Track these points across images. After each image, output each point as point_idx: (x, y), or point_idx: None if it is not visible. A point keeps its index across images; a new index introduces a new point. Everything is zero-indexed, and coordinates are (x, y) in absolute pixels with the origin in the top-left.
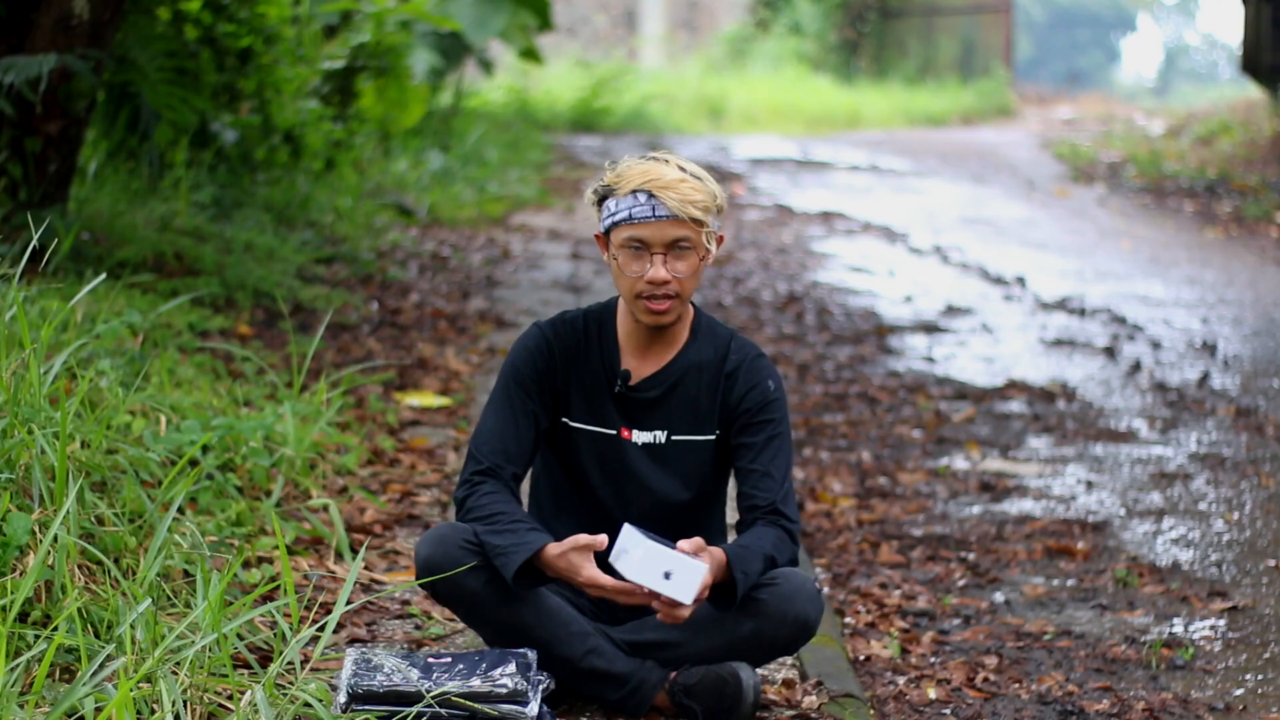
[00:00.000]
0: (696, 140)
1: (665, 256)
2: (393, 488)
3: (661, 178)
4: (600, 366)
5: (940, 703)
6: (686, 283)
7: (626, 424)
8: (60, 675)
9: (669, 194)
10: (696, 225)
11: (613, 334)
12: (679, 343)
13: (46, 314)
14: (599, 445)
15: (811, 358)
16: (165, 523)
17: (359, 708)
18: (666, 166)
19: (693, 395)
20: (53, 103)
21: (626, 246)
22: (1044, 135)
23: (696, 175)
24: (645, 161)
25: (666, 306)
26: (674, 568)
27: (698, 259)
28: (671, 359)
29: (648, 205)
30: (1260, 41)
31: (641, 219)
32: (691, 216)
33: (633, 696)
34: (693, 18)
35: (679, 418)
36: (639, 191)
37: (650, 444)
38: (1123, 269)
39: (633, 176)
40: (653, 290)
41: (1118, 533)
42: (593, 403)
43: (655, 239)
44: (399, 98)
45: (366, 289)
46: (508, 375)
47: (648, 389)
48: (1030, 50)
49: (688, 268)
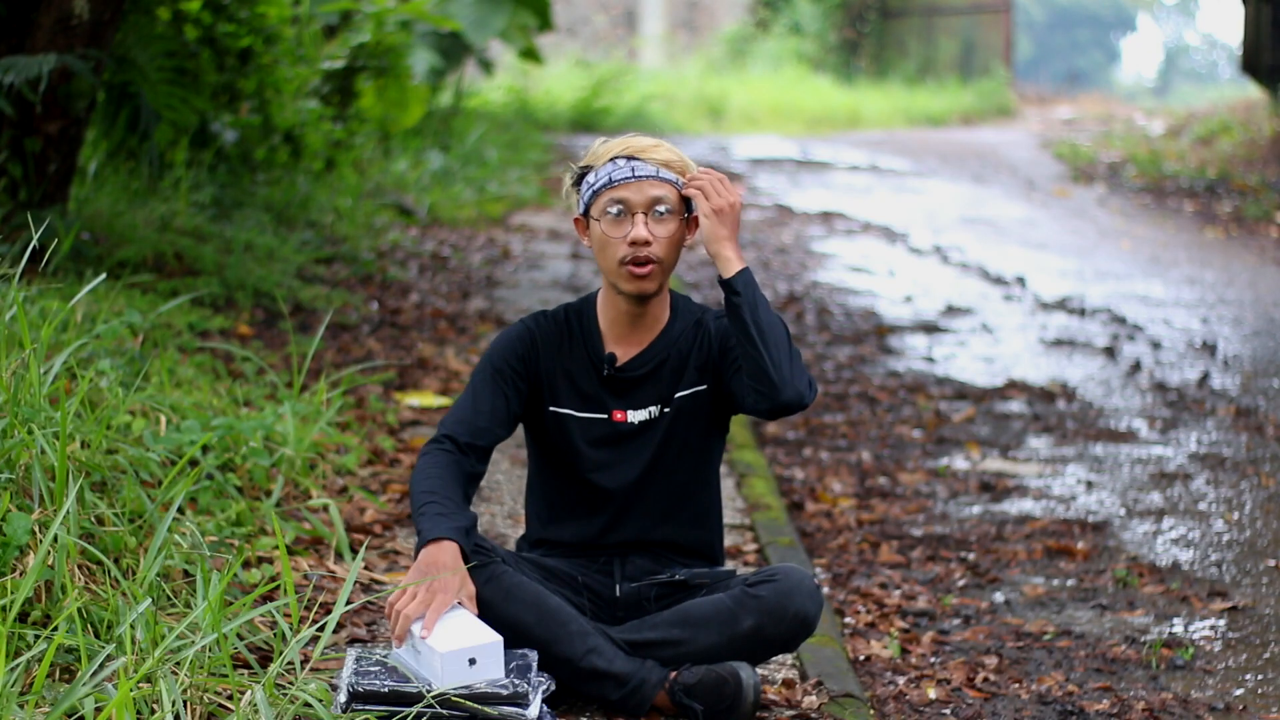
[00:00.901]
0: (696, 140)
1: (646, 217)
2: (393, 488)
3: (637, 143)
4: (585, 354)
5: (940, 703)
6: (667, 250)
7: (619, 406)
8: (60, 675)
9: (647, 154)
10: (675, 190)
11: (594, 323)
12: (660, 324)
13: (46, 314)
14: (591, 430)
15: (811, 358)
16: (165, 523)
17: (359, 707)
18: (641, 137)
19: (678, 365)
20: (53, 103)
21: (608, 211)
22: (1044, 135)
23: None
24: (620, 138)
25: (649, 270)
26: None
27: (677, 225)
28: (655, 338)
29: (627, 167)
30: (1260, 41)
31: (621, 180)
32: (670, 177)
33: (633, 696)
34: (693, 18)
35: (668, 387)
36: (617, 158)
37: (646, 420)
38: (1123, 269)
39: (610, 148)
40: (635, 253)
41: (1118, 533)
42: (581, 389)
43: (636, 199)
44: (399, 98)
45: (366, 289)
46: (484, 360)
47: (636, 368)
48: (1030, 50)
49: (667, 232)
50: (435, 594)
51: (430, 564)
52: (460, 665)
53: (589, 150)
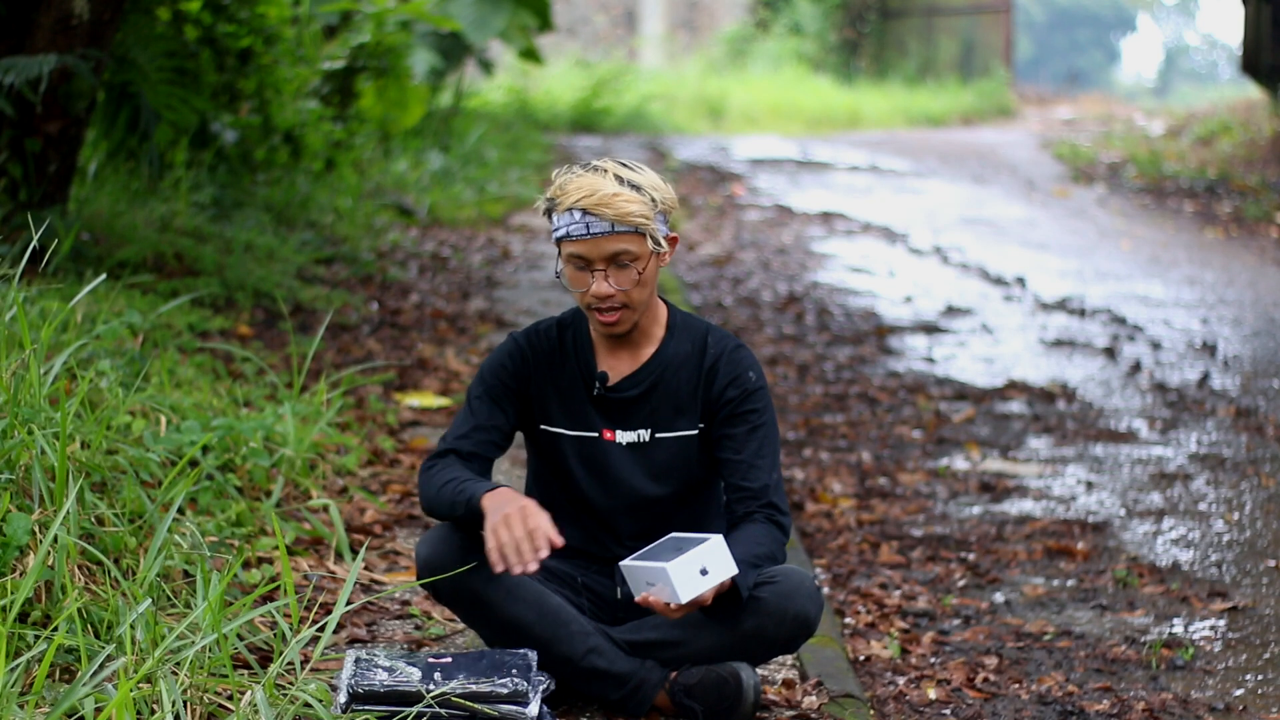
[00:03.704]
0: (696, 140)
1: (606, 271)
2: (393, 488)
3: (595, 193)
4: (577, 370)
5: (940, 703)
6: (634, 293)
7: (609, 425)
8: (60, 675)
9: (604, 209)
10: (638, 235)
11: (586, 337)
12: (655, 341)
13: (46, 314)
14: (582, 448)
15: (811, 358)
16: (165, 523)
17: (359, 708)
18: (604, 179)
19: (673, 391)
20: (53, 103)
21: (569, 262)
22: (1044, 135)
23: (635, 184)
24: (583, 175)
25: (615, 318)
26: (703, 560)
27: (644, 268)
28: (649, 357)
29: (582, 223)
30: (1260, 41)
31: (578, 236)
32: (629, 229)
33: (633, 696)
34: (693, 18)
35: (661, 414)
36: (574, 208)
37: (635, 443)
38: (1123, 269)
39: (570, 192)
40: (599, 304)
41: (1118, 533)
42: (571, 407)
43: (593, 254)
44: (399, 98)
45: (366, 289)
46: (477, 378)
47: (627, 388)
48: (1030, 50)
49: (631, 279)
50: (529, 515)
51: (503, 499)
52: (693, 574)
53: (555, 181)
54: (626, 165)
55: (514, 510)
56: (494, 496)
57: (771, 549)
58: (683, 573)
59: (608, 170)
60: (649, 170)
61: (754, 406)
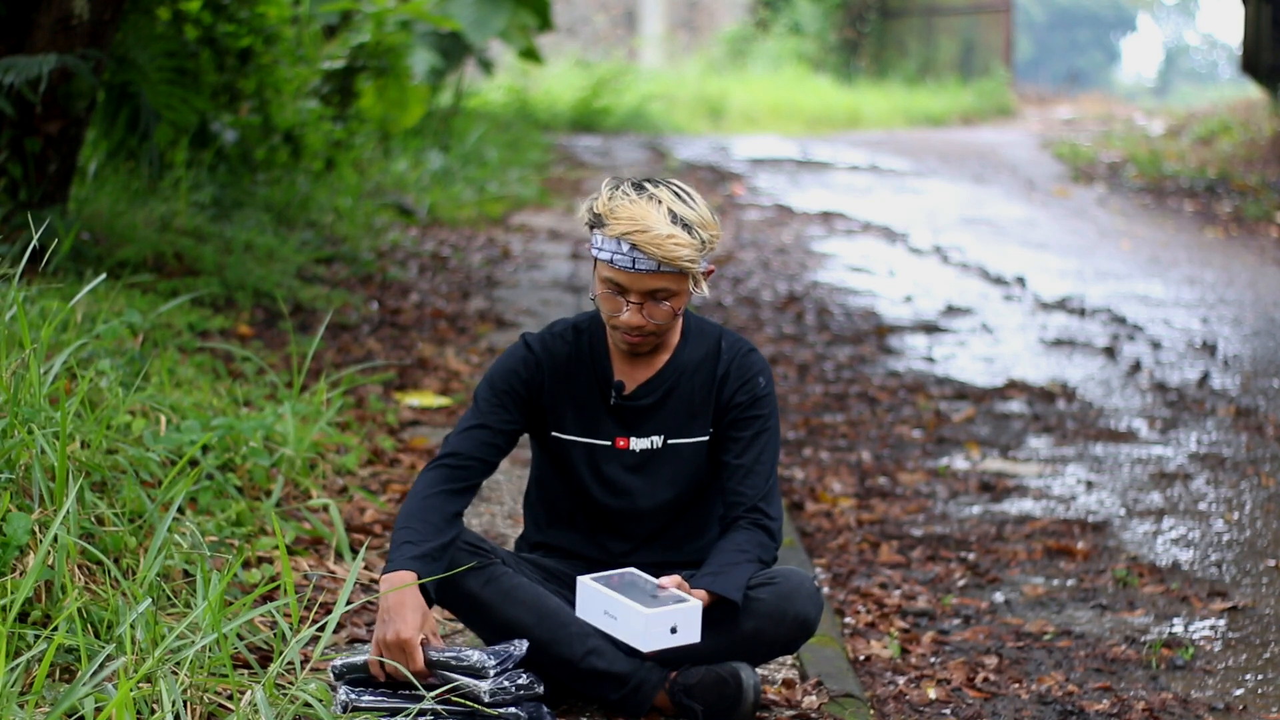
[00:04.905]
0: (696, 140)
1: (642, 305)
2: (393, 488)
3: (648, 230)
4: (593, 378)
5: (940, 703)
6: (665, 324)
7: (623, 433)
8: (60, 675)
9: (653, 249)
10: (680, 276)
11: (603, 344)
12: (670, 346)
13: (46, 314)
14: (592, 454)
15: (811, 358)
16: (165, 523)
17: (360, 706)
18: (658, 212)
19: (688, 397)
20: (53, 103)
21: (605, 285)
22: (1044, 135)
23: (686, 223)
24: (637, 201)
25: (639, 341)
26: (676, 620)
27: (680, 299)
28: (664, 364)
29: (629, 256)
30: (1260, 41)
31: (622, 267)
32: (674, 270)
33: (633, 696)
34: (693, 18)
35: (674, 421)
36: (624, 238)
37: (647, 449)
38: (1123, 269)
39: (621, 218)
40: (628, 329)
41: (1118, 533)
42: (586, 415)
43: (633, 286)
44: (399, 98)
45: (366, 289)
46: (486, 380)
47: (643, 396)
48: (1030, 50)
49: (665, 314)
50: (399, 631)
51: (387, 605)
52: (662, 631)
53: (611, 188)
54: (680, 197)
55: (388, 622)
56: (387, 586)
57: (761, 554)
58: (655, 625)
59: (662, 201)
60: (700, 201)
61: (760, 412)
